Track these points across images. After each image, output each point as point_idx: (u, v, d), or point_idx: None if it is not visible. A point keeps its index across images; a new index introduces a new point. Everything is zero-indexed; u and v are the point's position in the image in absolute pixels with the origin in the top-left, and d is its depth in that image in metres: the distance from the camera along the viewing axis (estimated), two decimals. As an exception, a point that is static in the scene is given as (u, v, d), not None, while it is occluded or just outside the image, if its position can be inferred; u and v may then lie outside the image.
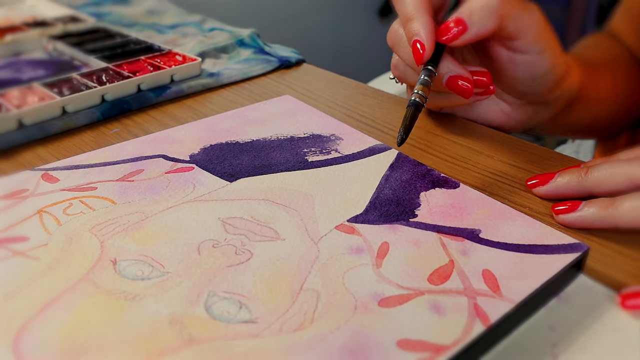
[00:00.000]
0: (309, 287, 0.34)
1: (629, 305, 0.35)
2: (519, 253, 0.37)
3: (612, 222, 0.40)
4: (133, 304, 0.32)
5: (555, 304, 0.36)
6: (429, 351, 0.30)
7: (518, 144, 0.53)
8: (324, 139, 0.50)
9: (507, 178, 0.48)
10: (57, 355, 0.29)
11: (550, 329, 0.34)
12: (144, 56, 0.66)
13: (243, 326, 0.31)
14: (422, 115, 0.58)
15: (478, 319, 0.32)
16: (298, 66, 0.71)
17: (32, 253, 0.36)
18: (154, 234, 0.38)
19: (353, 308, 0.32)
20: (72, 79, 0.60)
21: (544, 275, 0.35)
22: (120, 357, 0.29)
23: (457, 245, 0.37)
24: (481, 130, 0.56)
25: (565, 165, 0.47)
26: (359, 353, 0.29)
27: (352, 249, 0.37)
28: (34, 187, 0.43)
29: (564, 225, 0.42)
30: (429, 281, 0.34)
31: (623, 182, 0.42)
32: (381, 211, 0.41)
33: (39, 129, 0.53)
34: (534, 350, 0.33)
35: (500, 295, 0.33)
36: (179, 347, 0.30)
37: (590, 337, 0.33)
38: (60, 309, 0.32)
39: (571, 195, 0.44)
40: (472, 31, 0.48)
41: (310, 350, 0.30)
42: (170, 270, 0.35)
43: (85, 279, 0.34)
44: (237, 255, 0.36)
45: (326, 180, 0.44)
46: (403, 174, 0.45)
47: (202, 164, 0.46)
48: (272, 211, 0.41)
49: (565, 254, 0.36)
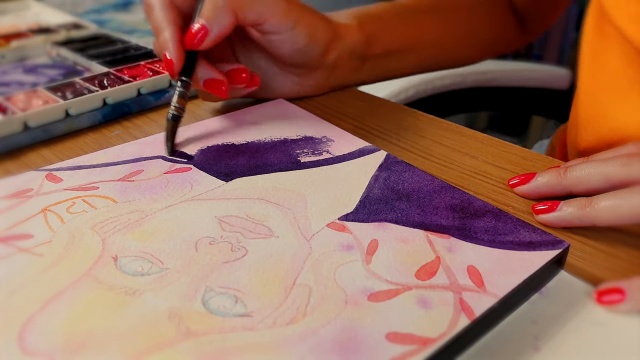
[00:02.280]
0: (301, 283, 0.34)
1: (604, 301, 0.35)
2: (503, 250, 0.37)
3: (589, 221, 0.40)
4: (133, 298, 0.32)
5: (537, 299, 0.36)
6: (416, 344, 0.30)
7: (501, 146, 0.53)
8: (315, 140, 0.50)
9: (491, 178, 0.48)
10: (60, 347, 0.29)
11: (533, 323, 0.34)
12: (143, 61, 0.66)
13: (238, 320, 0.31)
14: (409, 118, 0.58)
15: (463, 313, 0.32)
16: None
17: (37, 250, 0.36)
18: (154, 231, 0.38)
19: (344, 302, 0.32)
20: (75, 83, 0.60)
21: (527, 271, 0.35)
22: (120, 349, 0.29)
23: (443, 242, 0.37)
24: (465, 132, 0.56)
25: (546, 166, 0.47)
26: (349, 345, 0.29)
27: (342, 246, 0.37)
28: (39, 187, 0.43)
29: (544, 225, 0.42)
30: (416, 277, 0.34)
31: (600, 181, 0.42)
32: (370, 210, 0.41)
33: (43, 131, 0.53)
34: (516, 343, 0.33)
35: (485, 290, 0.33)
36: (177, 339, 0.30)
37: (570, 331, 0.33)
38: (64, 304, 0.32)
39: (551, 194, 0.44)
40: (213, 32, 0.49)
41: (302, 343, 0.29)
42: (169, 267, 0.35)
43: (88, 275, 0.34)
44: (233, 252, 0.36)
45: (318, 180, 0.44)
46: (392, 174, 0.45)
47: (199, 164, 0.46)
48: (266, 210, 0.40)
49: (547, 250, 0.36)
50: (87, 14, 0.93)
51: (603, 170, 0.42)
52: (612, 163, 0.41)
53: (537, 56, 2.25)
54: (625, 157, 0.41)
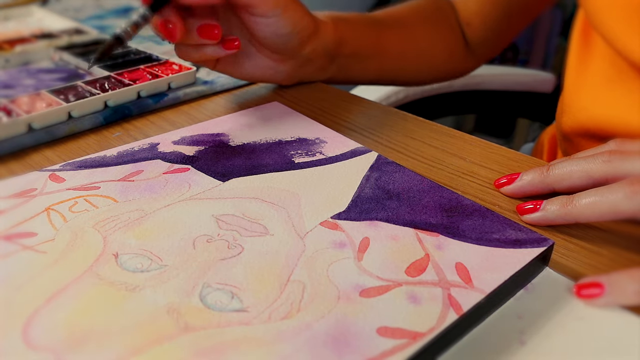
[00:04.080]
0: (295, 279, 0.34)
1: (584, 294, 0.35)
2: (490, 247, 0.37)
3: (572, 218, 0.40)
4: (133, 294, 0.32)
5: (522, 295, 0.36)
6: (406, 338, 0.30)
7: (488, 147, 0.53)
8: (309, 142, 0.50)
9: (478, 178, 0.48)
10: (63, 341, 0.29)
11: (518, 318, 0.34)
12: (143, 65, 0.66)
13: (235, 315, 0.31)
14: (399, 120, 0.58)
15: (451, 308, 0.32)
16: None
17: (40, 247, 0.36)
18: (153, 229, 0.38)
19: (336, 298, 0.32)
20: (77, 87, 0.59)
21: (513, 268, 0.35)
22: (121, 343, 0.29)
23: (432, 240, 0.38)
24: (454, 134, 0.56)
25: (532, 166, 0.47)
26: (341, 339, 0.29)
27: (335, 243, 0.37)
28: (42, 187, 0.42)
29: (529, 224, 0.42)
30: (406, 273, 0.34)
31: (582, 178, 0.42)
32: (362, 209, 0.41)
33: (46, 132, 0.52)
34: (503, 337, 0.33)
35: (472, 287, 0.33)
36: (176, 334, 0.30)
37: (554, 325, 0.33)
38: (66, 299, 0.32)
39: (535, 192, 0.44)
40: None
41: (296, 337, 0.29)
42: (168, 264, 0.35)
43: (89, 272, 0.34)
44: (230, 249, 0.36)
45: (311, 180, 0.44)
46: (382, 174, 0.45)
47: (197, 165, 0.46)
48: (261, 209, 0.40)
49: (532, 248, 0.36)
50: (88, 20, 0.93)
51: (584, 168, 0.42)
52: (593, 160, 0.42)
53: (522, 61, 2.26)
54: (606, 155, 0.41)
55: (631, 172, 0.40)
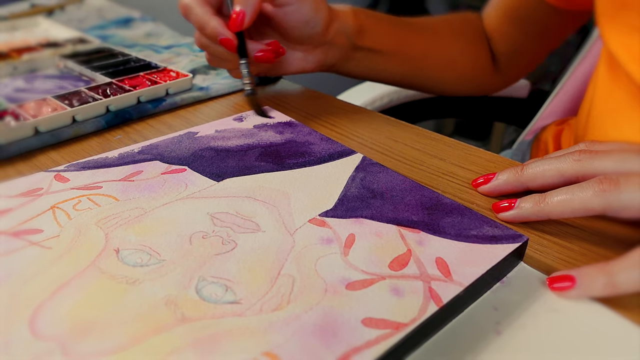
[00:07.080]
0: (285, 273, 0.34)
1: (556, 287, 0.35)
2: (468, 243, 0.37)
3: (545, 215, 0.40)
4: (133, 287, 0.32)
5: (498, 288, 0.36)
6: (389, 328, 0.30)
7: (466, 149, 0.53)
8: (299, 144, 0.50)
9: (457, 178, 0.48)
10: (67, 332, 0.29)
11: (494, 309, 0.34)
12: (143, 72, 0.66)
13: (229, 306, 0.31)
14: (383, 124, 0.59)
15: (432, 300, 0.32)
16: (276, 82, 0.71)
17: (46, 243, 0.36)
18: (152, 226, 0.38)
19: (324, 291, 0.32)
20: (81, 92, 0.59)
21: (489, 262, 0.35)
22: (122, 333, 0.29)
23: (414, 236, 0.38)
24: (434, 137, 0.56)
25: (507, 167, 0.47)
26: (328, 330, 0.29)
27: (323, 239, 0.37)
28: (48, 186, 0.42)
29: (505, 221, 0.42)
30: (390, 268, 0.34)
31: (554, 176, 0.42)
32: (348, 207, 0.41)
33: (52, 135, 0.52)
34: (480, 327, 0.33)
35: (451, 280, 0.33)
36: (173, 324, 0.30)
37: (529, 317, 0.33)
38: (70, 292, 0.32)
39: (510, 190, 0.44)
40: (249, 13, 0.54)
41: (286, 327, 0.29)
42: (166, 258, 0.34)
43: (92, 266, 0.34)
44: (224, 245, 0.36)
45: (301, 180, 0.44)
46: (367, 175, 0.45)
47: (193, 166, 0.46)
48: (254, 207, 0.40)
49: (508, 244, 0.37)
50: (91, 30, 0.93)
51: (557, 166, 0.42)
52: (565, 159, 0.42)
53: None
54: (577, 154, 0.42)
55: (600, 171, 0.40)
